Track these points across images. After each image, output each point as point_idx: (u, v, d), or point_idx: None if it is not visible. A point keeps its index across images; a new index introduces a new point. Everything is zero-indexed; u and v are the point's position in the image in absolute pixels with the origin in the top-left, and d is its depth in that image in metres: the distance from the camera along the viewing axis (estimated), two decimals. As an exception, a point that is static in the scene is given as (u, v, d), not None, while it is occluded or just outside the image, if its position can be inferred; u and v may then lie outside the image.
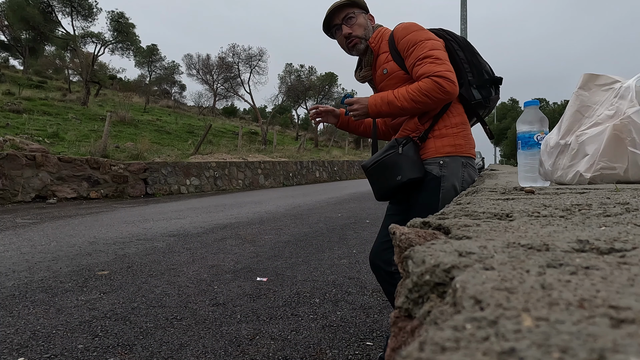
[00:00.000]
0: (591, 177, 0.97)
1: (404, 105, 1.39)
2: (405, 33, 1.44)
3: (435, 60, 1.35)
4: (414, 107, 1.39)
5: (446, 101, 1.39)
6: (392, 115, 1.52)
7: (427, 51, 1.37)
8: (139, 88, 28.29)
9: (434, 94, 1.33)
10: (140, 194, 8.99)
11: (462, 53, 1.49)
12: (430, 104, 1.37)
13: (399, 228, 0.48)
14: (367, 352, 1.79)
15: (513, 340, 0.18)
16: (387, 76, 1.50)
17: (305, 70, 29.02)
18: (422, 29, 1.45)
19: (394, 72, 1.48)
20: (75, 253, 3.47)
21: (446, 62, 1.37)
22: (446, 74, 1.33)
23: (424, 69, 1.35)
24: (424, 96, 1.35)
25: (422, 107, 1.39)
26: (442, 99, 1.36)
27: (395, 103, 1.40)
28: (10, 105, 12.97)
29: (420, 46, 1.39)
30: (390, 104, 1.41)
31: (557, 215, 0.56)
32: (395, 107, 1.41)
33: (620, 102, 0.96)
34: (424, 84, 1.34)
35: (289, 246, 3.87)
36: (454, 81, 1.34)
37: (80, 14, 19.14)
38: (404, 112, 1.43)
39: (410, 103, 1.37)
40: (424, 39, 1.40)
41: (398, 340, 0.31)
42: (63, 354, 1.72)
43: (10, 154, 7.11)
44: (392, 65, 1.47)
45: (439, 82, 1.32)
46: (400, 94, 1.39)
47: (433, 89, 1.33)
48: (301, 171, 15.51)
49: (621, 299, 0.22)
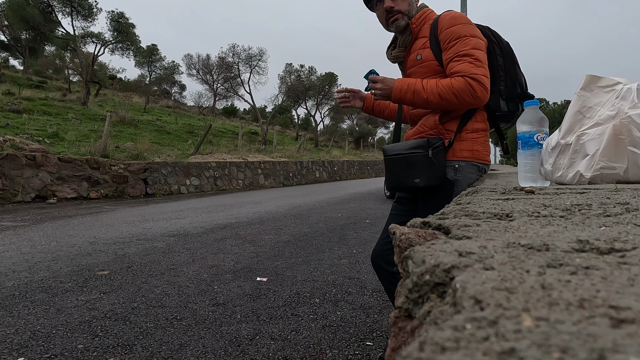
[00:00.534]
0: (591, 177, 0.97)
1: (429, 98, 1.33)
2: (451, 23, 1.35)
3: (475, 61, 1.29)
4: (439, 103, 1.33)
5: (472, 106, 1.34)
6: (413, 105, 1.43)
7: (469, 49, 1.31)
8: (139, 88, 28.30)
9: (463, 96, 1.28)
10: (140, 194, 8.99)
11: (502, 59, 1.44)
12: (456, 104, 1.31)
13: (399, 228, 0.48)
14: (367, 352, 1.79)
15: (513, 340, 0.18)
16: (419, 62, 1.43)
17: (305, 70, 29.03)
18: (470, 23, 1.37)
19: (427, 60, 1.41)
20: (75, 253, 3.46)
21: (485, 65, 1.31)
22: (481, 79, 1.27)
23: (461, 67, 1.29)
24: (452, 95, 1.29)
25: (446, 105, 1.33)
26: (469, 103, 1.30)
27: (421, 94, 1.34)
28: (10, 105, 12.97)
29: (463, 41, 1.32)
30: (416, 93, 1.34)
31: (557, 215, 0.56)
32: (420, 98, 1.35)
33: (622, 103, 0.96)
34: (456, 83, 1.28)
35: (289, 246, 3.87)
36: (487, 88, 1.29)
37: (80, 14, 19.13)
38: (427, 105, 1.37)
39: (436, 98, 1.31)
40: (469, 35, 1.33)
41: (398, 340, 0.31)
42: (63, 354, 1.72)
43: (10, 154, 7.11)
44: (428, 53, 1.40)
45: (472, 85, 1.27)
46: (429, 85, 1.33)
47: (464, 90, 1.27)
48: (301, 171, 15.51)
49: (621, 299, 0.22)
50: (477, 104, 1.32)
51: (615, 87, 1.01)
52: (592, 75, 1.07)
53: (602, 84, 1.05)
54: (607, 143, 0.94)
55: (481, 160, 1.44)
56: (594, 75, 1.07)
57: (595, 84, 1.06)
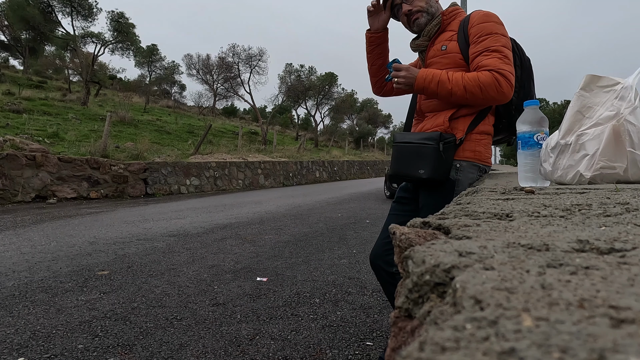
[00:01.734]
0: (591, 177, 0.97)
1: (454, 90, 1.32)
2: (485, 19, 1.36)
3: (504, 58, 1.30)
4: (462, 96, 1.32)
5: (496, 102, 1.34)
6: (435, 96, 1.41)
7: (500, 46, 1.31)
8: (139, 88, 28.29)
9: (489, 90, 1.28)
10: (140, 194, 8.99)
11: (520, 72, 1.45)
12: (480, 98, 1.31)
13: (399, 228, 0.48)
14: (367, 352, 1.79)
15: (513, 340, 0.18)
16: (442, 53, 1.43)
17: (305, 70, 29.00)
18: (502, 24, 1.39)
19: (451, 52, 1.41)
20: (75, 253, 3.46)
21: (512, 64, 1.31)
22: (509, 75, 1.28)
23: (490, 61, 1.29)
24: (477, 88, 1.28)
25: (469, 99, 1.33)
26: (493, 98, 1.30)
27: (446, 85, 1.33)
28: (10, 105, 12.97)
29: (494, 38, 1.33)
30: (441, 84, 1.33)
31: (557, 215, 0.56)
32: (444, 89, 1.33)
33: (620, 103, 0.96)
34: (483, 76, 1.28)
35: (289, 246, 3.86)
36: (513, 85, 1.29)
37: (80, 14, 19.13)
38: (450, 97, 1.35)
39: (461, 90, 1.31)
40: (501, 34, 1.34)
41: (398, 340, 0.31)
42: (63, 354, 1.72)
43: (10, 154, 7.11)
44: (454, 45, 1.41)
45: (499, 80, 1.27)
46: (454, 77, 1.32)
47: (490, 85, 1.27)
48: (301, 171, 15.51)
49: (621, 299, 0.22)
50: (502, 100, 1.32)
51: (615, 87, 1.01)
52: (593, 75, 1.07)
53: (602, 83, 1.05)
54: (606, 143, 0.94)
55: (482, 161, 1.44)
56: (594, 75, 1.06)
57: (596, 84, 1.06)
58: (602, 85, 1.05)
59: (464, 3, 9.64)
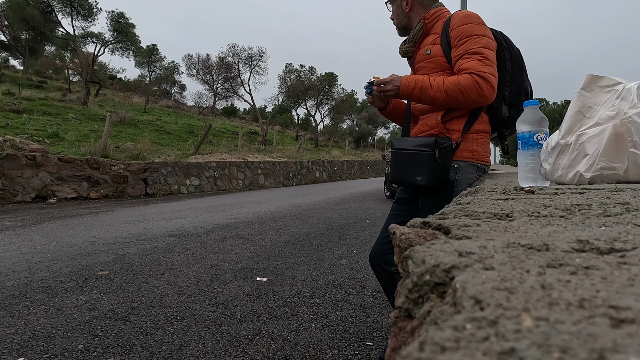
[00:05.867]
0: (591, 177, 0.97)
1: (436, 95, 1.32)
2: (464, 22, 1.36)
3: (484, 60, 1.29)
4: (445, 100, 1.32)
5: (479, 104, 1.33)
6: (420, 102, 1.43)
7: (479, 47, 1.31)
8: (139, 88, 28.30)
9: (469, 93, 1.28)
10: (140, 194, 8.99)
11: (510, 65, 1.44)
12: (462, 101, 1.31)
13: (399, 228, 0.48)
14: (367, 352, 1.79)
15: (513, 340, 0.18)
16: (427, 58, 1.43)
17: (305, 70, 29.00)
18: (483, 23, 1.38)
19: (435, 56, 1.41)
20: (75, 253, 3.47)
21: (493, 65, 1.31)
22: (489, 77, 1.27)
23: (469, 65, 1.29)
24: (459, 92, 1.28)
25: (452, 103, 1.33)
26: (475, 101, 1.29)
27: (428, 91, 1.34)
28: (10, 105, 12.97)
29: (474, 40, 1.32)
30: (424, 90, 1.35)
31: (557, 215, 0.56)
32: (427, 95, 1.35)
33: (622, 103, 0.96)
34: (463, 80, 1.28)
35: (289, 246, 3.86)
36: (494, 87, 1.28)
37: (80, 14, 19.14)
38: (434, 102, 1.36)
39: (443, 95, 1.31)
40: (481, 35, 1.33)
41: (398, 340, 0.31)
42: (63, 354, 1.72)
43: (10, 154, 7.11)
44: (437, 49, 1.41)
45: (479, 83, 1.26)
46: (436, 82, 1.33)
47: (470, 88, 1.27)
48: (301, 171, 15.51)
49: (621, 299, 0.22)
50: (484, 102, 1.31)
51: (616, 87, 1.01)
52: (593, 74, 1.07)
53: (602, 83, 1.05)
54: (607, 143, 0.94)
55: (481, 160, 1.44)
56: (595, 75, 1.06)
57: (596, 84, 1.06)
58: (603, 85, 1.05)
59: (464, 3, 9.64)
